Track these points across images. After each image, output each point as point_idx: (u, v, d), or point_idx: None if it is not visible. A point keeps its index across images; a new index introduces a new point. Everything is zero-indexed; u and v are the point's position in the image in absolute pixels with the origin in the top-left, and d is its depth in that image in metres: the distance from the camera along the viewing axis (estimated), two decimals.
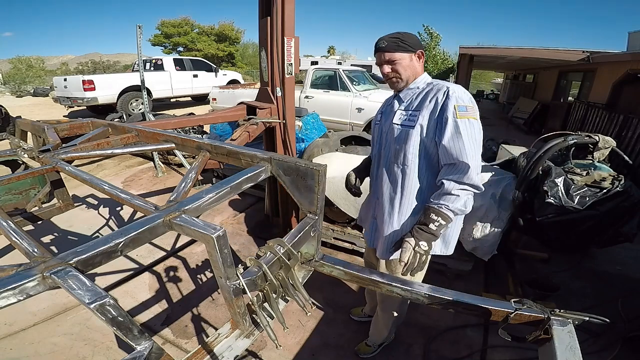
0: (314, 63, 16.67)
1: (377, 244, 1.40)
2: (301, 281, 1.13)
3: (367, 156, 1.59)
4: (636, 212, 1.88)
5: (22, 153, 1.49)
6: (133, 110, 8.44)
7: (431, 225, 1.10)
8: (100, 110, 8.50)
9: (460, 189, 1.10)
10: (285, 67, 2.17)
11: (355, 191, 1.49)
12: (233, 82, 11.12)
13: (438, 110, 1.14)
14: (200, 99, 11.12)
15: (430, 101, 1.16)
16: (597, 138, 1.99)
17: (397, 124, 1.25)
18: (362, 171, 1.52)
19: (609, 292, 2.21)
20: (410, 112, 1.22)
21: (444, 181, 1.12)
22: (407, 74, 1.23)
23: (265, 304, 0.98)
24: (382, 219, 1.32)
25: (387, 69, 1.24)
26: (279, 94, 2.23)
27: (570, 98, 8.90)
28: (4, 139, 1.96)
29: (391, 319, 1.57)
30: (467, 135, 1.10)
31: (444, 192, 1.11)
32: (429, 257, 1.16)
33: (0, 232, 0.92)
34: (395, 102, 1.31)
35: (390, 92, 1.42)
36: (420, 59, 1.24)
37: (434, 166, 1.21)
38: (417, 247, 1.09)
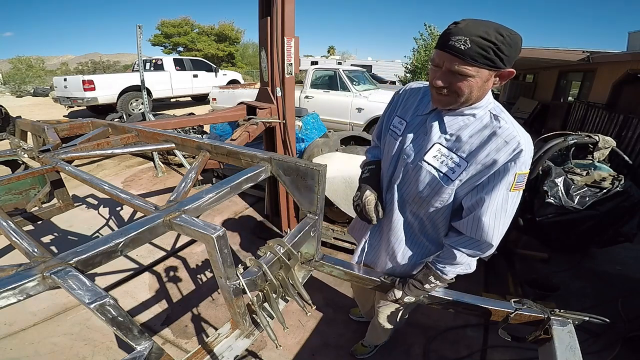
0: (314, 63, 16.71)
1: (371, 264, 1.25)
2: (301, 281, 1.13)
3: (370, 162, 1.22)
4: (636, 212, 1.88)
5: (22, 153, 1.49)
6: (133, 110, 8.44)
7: (427, 286, 1.03)
8: (100, 110, 8.50)
9: (473, 260, 0.99)
10: (285, 67, 2.17)
11: (370, 220, 1.08)
12: (233, 82, 11.13)
13: (492, 170, 0.84)
14: (200, 99, 11.12)
15: (487, 155, 0.83)
16: (597, 138, 2.00)
17: (431, 166, 0.91)
18: (377, 187, 1.11)
19: (609, 292, 2.21)
20: (454, 156, 0.88)
21: (456, 252, 0.94)
22: (469, 97, 0.83)
23: (265, 304, 0.99)
24: (380, 251, 1.17)
25: (440, 81, 0.82)
26: (279, 94, 2.23)
27: (570, 98, 8.90)
28: (4, 139, 1.96)
29: (388, 330, 1.49)
30: (510, 212, 0.87)
31: (454, 261, 0.96)
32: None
33: (0, 232, 0.92)
34: (435, 123, 0.92)
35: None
36: (502, 80, 0.82)
37: (455, 217, 0.99)
38: (401, 300, 1.08)
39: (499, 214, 0.86)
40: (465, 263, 0.98)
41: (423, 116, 0.97)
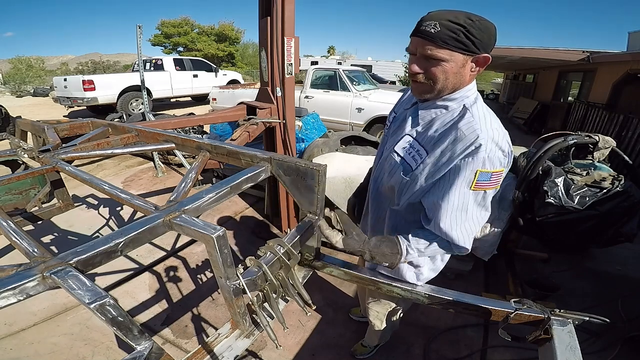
0: (314, 63, 16.69)
1: None
2: (301, 281, 1.13)
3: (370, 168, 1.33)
4: (636, 212, 1.88)
5: (22, 153, 1.49)
6: (133, 110, 8.44)
7: (373, 249, 0.92)
8: (100, 110, 8.50)
9: (439, 250, 0.90)
10: (285, 67, 2.17)
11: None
12: (233, 82, 11.13)
13: (450, 165, 0.79)
14: (200, 99, 11.12)
15: (445, 147, 0.80)
16: (597, 138, 1.99)
17: (399, 156, 0.93)
18: (365, 190, 1.22)
19: (609, 292, 2.21)
20: (419, 147, 0.87)
21: (429, 236, 0.88)
22: (446, 84, 0.81)
23: (265, 304, 0.98)
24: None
25: (416, 67, 0.81)
26: (279, 94, 2.23)
27: (570, 98, 8.90)
28: (4, 139, 1.96)
29: (379, 331, 1.47)
30: (473, 213, 0.82)
31: (422, 240, 0.88)
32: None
33: (0, 232, 0.92)
34: (410, 116, 0.94)
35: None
36: (479, 66, 0.81)
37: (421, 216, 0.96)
38: (334, 241, 0.93)
39: (458, 214, 0.81)
40: (432, 250, 0.89)
41: (406, 110, 0.99)
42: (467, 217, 0.83)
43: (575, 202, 1.86)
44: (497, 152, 0.77)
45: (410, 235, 0.91)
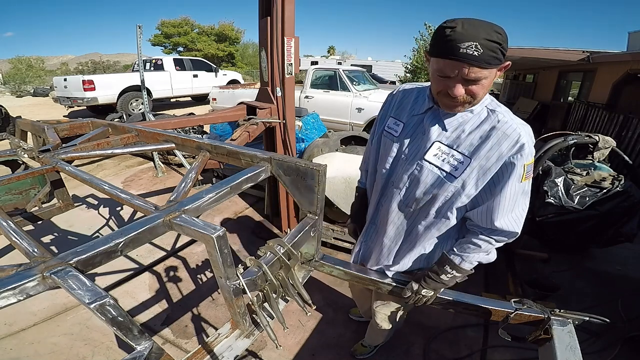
0: (314, 63, 16.69)
1: (364, 263, 1.27)
2: (301, 281, 1.13)
3: (359, 185, 1.35)
4: (636, 212, 1.88)
5: (22, 153, 1.49)
6: (133, 110, 8.44)
7: (443, 277, 1.00)
8: (100, 110, 8.50)
9: (496, 247, 0.95)
10: (285, 67, 2.17)
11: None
12: (233, 82, 11.13)
13: (499, 166, 0.85)
14: (200, 99, 11.12)
15: (491, 149, 0.85)
16: (597, 138, 2.00)
17: (432, 165, 0.92)
18: (361, 212, 1.27)
19: (609, 292, 2.21)
20: (456, 153, 0.89)
21: (481, 239, 0.93)
22: (482, 96, 0.85)
23: (265, 304, 0.98)
24: (379, 252, 1.17)
25: (461, 89, 0.80)
26: (279, 94, 2.23)
27: (570, 98, 8.90)
28: (4, 139, 1.96)
29: (386, 331, 1.47)
30: (525, 200, 0.91)
31: (475, 248, 0.94)
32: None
33: (0, 232, 0.92)
34: (433, 122, 0.93)
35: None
36: (500, 71, 0.83)
37: (459, 218, 0.99)
38: (419, 293, 1.04)
39: (512, 206, 0.89)
40: (485, 250, 0.95)
41: (419, 116, 0.97)
42: (522, 206, 0.91)
43: (575, 202, 1.86)
44: (531, 142, 0.85)
45: (462, 252, 0.97)
